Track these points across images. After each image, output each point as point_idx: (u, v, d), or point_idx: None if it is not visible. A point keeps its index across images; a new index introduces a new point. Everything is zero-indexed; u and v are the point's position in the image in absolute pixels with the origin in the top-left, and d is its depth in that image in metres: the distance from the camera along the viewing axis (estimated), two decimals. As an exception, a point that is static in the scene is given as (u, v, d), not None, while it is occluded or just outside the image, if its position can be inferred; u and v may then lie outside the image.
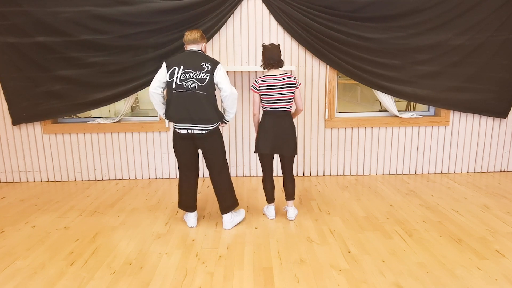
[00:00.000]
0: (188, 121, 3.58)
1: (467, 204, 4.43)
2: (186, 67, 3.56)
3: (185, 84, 3.54)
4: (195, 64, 3.57)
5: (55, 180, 5.60)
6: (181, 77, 3.55)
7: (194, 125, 3.58)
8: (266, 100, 3.79)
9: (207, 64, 3.58)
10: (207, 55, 3.73)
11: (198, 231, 3.83)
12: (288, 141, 3.85)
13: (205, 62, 3.59)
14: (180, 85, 3.55)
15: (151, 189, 5.14)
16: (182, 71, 3.55)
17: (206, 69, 3.56)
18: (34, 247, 3.54)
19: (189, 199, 3.92)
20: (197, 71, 3.55)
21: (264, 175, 4.05)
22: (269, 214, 4.11)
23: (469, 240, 3.54)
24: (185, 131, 3.62)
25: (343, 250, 3.39)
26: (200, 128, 3.59)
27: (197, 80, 3.54)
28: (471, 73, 5.28)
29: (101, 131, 5.48)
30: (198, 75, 3.55)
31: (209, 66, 3.57)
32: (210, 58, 3.67)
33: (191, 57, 3.63)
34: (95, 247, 3.52)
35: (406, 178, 5.46)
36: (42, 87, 5.15)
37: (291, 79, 3.79)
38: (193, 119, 3.57)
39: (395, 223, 3.93)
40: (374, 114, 5.73)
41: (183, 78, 3.54)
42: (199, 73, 3.55)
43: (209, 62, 3.59)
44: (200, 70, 3.55)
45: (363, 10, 5.07)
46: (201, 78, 3.54)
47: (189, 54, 3.67)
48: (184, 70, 3.56)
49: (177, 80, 3.55)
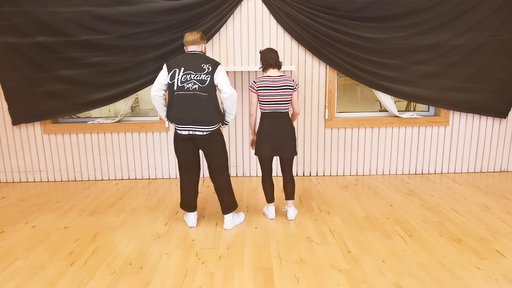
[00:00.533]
0: (190, 122, 3.58)
1: (467, 204, 4.43)
2: (187, 69, 3.56)
3: (186, 86, 3.54)
4: (196, 65, 3.57)
5: (55, 180, 5.60)
6: (182, 79, 3.55)
7: (196, 127, 3.59)
8: (263, 101, 3.79)
9: (207, 65, 3.58)
10: (207, 56, 3.73)
11: (198, 231, 3.83)
12: (288, 142, 3.85)
13: (206, 63, 3.59)
14: (181, 87, 3.55)
15: (151, 189, 5.14)
16: (183, 73, 3.55)
17: (207, 70, 3.56)
18: (34, 247, 3.54)
19: (190, 199, 3.93)
20: (198, 73, 3.55)
21: (263, 175, 4.05)
22: (269, 214, 4.11)
23: (469, 240, 3.54)
24: (186, 132, 3.62)
25: (343, 250, 3.39)
26: (201, 129, 3.60)
27: (198, 82, 3.54)
28: (471, 73, 5.28)
29: (101, 131, 5.48)
30: (199, 76, 3.54)
31: (209, 67, 3.57)
32: (210, 59, 3.67)
33: (192, 58, 3.63)
34: (95, 247, 3.52)
35: (406, 178, 5.46)
36: (42, 87, 5.15)
37: (289, 81, 3.79)
38: (195, 120, 3.57)
39: (395, 223, 3.93)
40: (374, 114, 5.73)
41: (184, 80, 3.54)
42: (200, 74, 3.55)
43: (209, 63, 3.59)
44: (200, 71, 3.55)
45: (363, 10, 5.07)
46: (202, 79, 3.54)
47: (189, 55, 3.67)
48: (185, 71, 3.55)
49: (178, 82, 3.55)
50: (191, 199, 3.93)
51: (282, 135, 3.82)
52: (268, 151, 3.86)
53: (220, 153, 3.79)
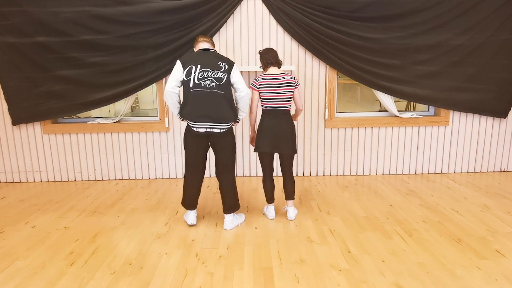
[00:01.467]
0: (207, 119, 3.59)
1: (467, 204, 4.43)
2: (204, 66, 3.57)
3: (203, 83, 3.55)
4: (213, 63, 3.59)
5: (55, 180, 5.60)
6: (199, 76, 3.55)
7: (213, 124, 3.61)
8: (265, 98, 3.81)
9: (223, 63, 3.61)
10: (221, 54, 3.77)
11: (198, 231, 3.84)
12: (287, 139, 3.86)
13: (221, 61, 3.62)
14: (198, 84, 3.55)
15: (151, 189, 5.14)
16: (200, 70, 3.56)
17: (224, 68, 3.60)
18: (34, 247, 3.54)
19: (192, 197, 3.93)
20: (215, 70, 3.57)
21: (264, 174, 4.05)
22: (269, 214, 4.11)
23: (469, 240, 3.54)
24: (203, 130, 3.62)
25: (343, 250, 3.39)
26: (218, 126, 3.62)
27: (215, 80, 3.56)
28: (471, 73, 5.29)
29: (101, 131, 5.48)
30: (216, 74, 3.57)
31: (225, 65, 3.61)
32: (224, 57, 3.71)
33: (207, 55, 3.65)
34: (95, 247, 3.52)
35: (406, 178, 5.46)
36: (42, 87, 5.15)
37: (291, 79, 3.81)
38: (212, 117, 3.58)
39: (395, 223, 3.93)
40: (374, 114, 5.73)
41: (201, 77, 3.55)
42: (217, 72, 3.57)
43: (225, 62, 3.64)
44: (218, 69, 3.58)
45: (363, 10, 5.08)
46: (219, 77, 3.57)
47: (203, 53, 3.68)
48: (201, 69, 3.56)
49: (195, 79, 3.55)
50: (193, 197, 3.93)
51: (282, 132, 3.84)
52: (267, 146, 3.86)
53: (230, 152, 3.83)
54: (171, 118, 5.46)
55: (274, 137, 3.84)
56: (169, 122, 5.45)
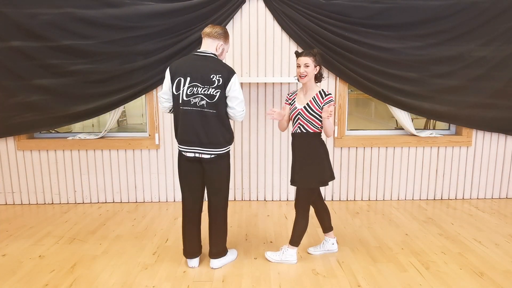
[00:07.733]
0: (197, 144, 3.49)
1: (490, 234, 4.47)
2: (193, 80, 3.41)
3: (193, 101, 3.42)
4: (204, 76, 3.40)
5: (30, 202, 5.62)
6: (188, 92, 3.42)
7: (202, 149, 3.50)
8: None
9: (217, 76, 3.40)
10: (219, 61, 3.56)
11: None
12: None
13: (216, 73, 3.41)
14: (187, 101, 3.43)
15: (138, 214, 5.17)
16: (188, 85, 3.41)
17: (217, 83, 3.40)
18: (4, 279, 3.55)
19: (193, 244, 3.77)
20: (206, 86, 3.40)
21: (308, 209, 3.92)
22: (291, 258, 3.87)
23: (492, 274, 3.58)
24: (192, 154, 3.54)
25: (353, 284, 3.42)
26: (208, 152, 3.51)
27: (205, 97, 3.40)
28: (497, 88, 5.32)
29: (83, 148, 5.50)
30: (206, 90, 3.40)
31: (220, 79, 3.40)
32: (222, 66, 3.50)
33: (200, 63, 3.47)
34: (74, 279, 3.54)
35: (423, 204, 5.49)
36: (16, 97, 5.16)
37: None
38: (202, 142, 3.48)
39: (410, 254, 3.96)
40: (388, 132, 5.77)
41: (190, 93, 3.42)
42: (208, 88, 3.40)
43: (220, 74, 3.41)
44: (209, 84, 3.40)
45: (378, 17, 5.12)
46: (210, 94, 3.41)
47: (197, 58, 3.51)
48: (190, 83, 3.41)
49: (183, 95, 3.43)
50: (196, 243, 3.78)
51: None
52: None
53: (224, 179, 3.71)
54: (162, 134, 5.49)
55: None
56: (159, 139, 5.48)
